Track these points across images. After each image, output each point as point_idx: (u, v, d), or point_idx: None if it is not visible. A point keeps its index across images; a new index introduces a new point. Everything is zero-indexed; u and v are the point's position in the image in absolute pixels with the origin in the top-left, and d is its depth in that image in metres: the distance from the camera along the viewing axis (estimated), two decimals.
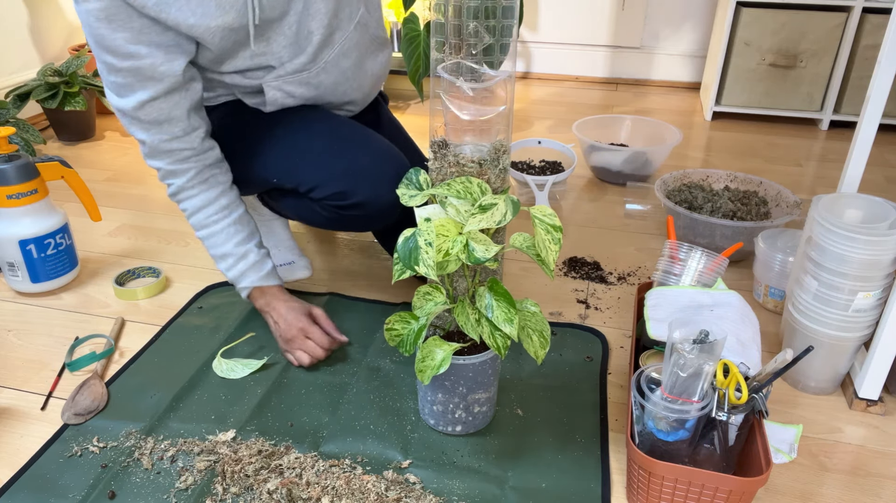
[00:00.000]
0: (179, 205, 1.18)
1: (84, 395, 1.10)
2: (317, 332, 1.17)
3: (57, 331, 1.29)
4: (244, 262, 1.19)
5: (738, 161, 2.14)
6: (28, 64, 2.33)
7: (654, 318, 1.04)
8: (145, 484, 0.94)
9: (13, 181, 1.29)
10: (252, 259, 1.20)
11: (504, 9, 0.97)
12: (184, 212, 1.18)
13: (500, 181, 1.08)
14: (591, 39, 2.90)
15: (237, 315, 1.32)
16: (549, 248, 0.89)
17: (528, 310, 0.94)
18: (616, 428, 1.06)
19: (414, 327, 0.93)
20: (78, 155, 2.15)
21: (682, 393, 0.85)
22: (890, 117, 2.29)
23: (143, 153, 1.13)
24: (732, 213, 1.54)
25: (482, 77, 0.98)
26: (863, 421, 1.08)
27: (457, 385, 0.97)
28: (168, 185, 1.16)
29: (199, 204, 1.16)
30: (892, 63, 0.99)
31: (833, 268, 1.02)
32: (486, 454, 1.00)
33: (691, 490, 0.85)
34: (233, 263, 1.19)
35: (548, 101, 2.72)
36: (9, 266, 1.36)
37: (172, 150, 1.11)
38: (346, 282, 1.45)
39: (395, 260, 0.89)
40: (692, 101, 2.72)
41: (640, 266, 1.53)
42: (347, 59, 1.20)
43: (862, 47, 2.25)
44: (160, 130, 1.08)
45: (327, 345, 1.17)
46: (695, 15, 2.75)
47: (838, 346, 1.07)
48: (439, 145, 1.05)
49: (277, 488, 0.92)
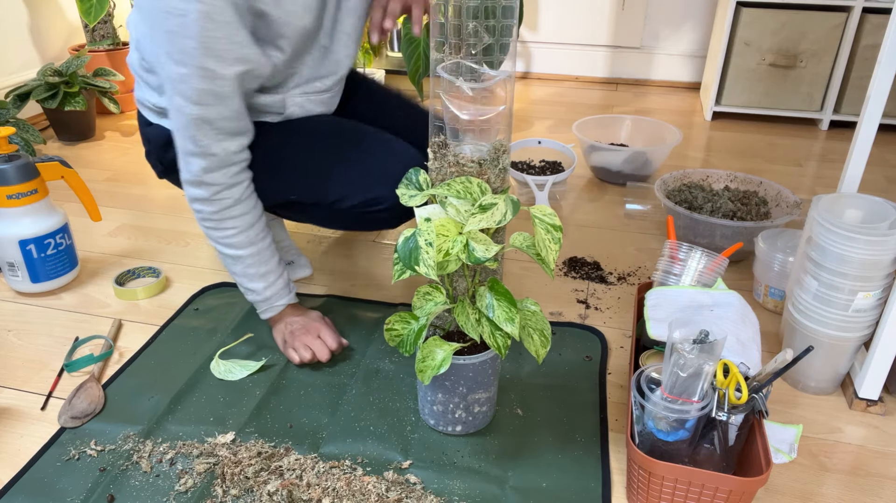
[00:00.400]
0: (227, 222, 1.09)
1: (81, 399, 1.10)
2: (328, 334, 1.17)
3: (57, 332, 1.29)
4: (282, 280, 1.18)
5: (738, 161, 2.14)
6: (28, 64, 2.33)
7: (654, 318, 1.04)
8: (144, 487, 0.94)
9: (13, 181, 1.29)
10: (286, 276, 1.20)
11: (504, 9, 0.97)
12: (231, 230, 1.10)
13: (500, 181, 1.08)
14: (591, 39, 2.90)
15: (234, 316, 1.32)
16: (549, 247, 0.89)
17: (529, 310, 0.94)
18: (616, 428, 1.05)
19: (414, 327, 0.93)
20: (78, 155, 2.15)
21: (682, 393, 0.85)
22: (890, 117, 2.28)
23: (202, 169, 1.03)
24: (732, 213, 1.54)
25: (482, 77, 0.98)
26: (863, 421, 1.08)
27: (457, 385, 0.97)
28: (219, 201, 1.07)
29: (251, 220, 1.11)
30: (892, 63, 0.99)
31: (833, 268, 1.02)
32: (486, 454, 1.00)
33: (691, 490, 0.85)
34: (273, 280, 1.16)
35: (548, 101, 2.72)
36: (9, 266, 1.36)
37: (241, 160, 1.07)
38: (346, 282, 1.45)
39: (395, 260, 0.89)
40: (692, 101, 2.72)
41: (640, 266, 1.52)
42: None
43: (862, 47, 2.25)
44: (233, 139, 1.04)
45: (335, 346, 1.17)
46: (695, 15, 2.75)
47: (838, 346, 1.07)
48: (439, 145, 1.05)
49: (278, 490, 0.92)
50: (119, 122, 2.46)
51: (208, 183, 1.05)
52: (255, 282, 1.15)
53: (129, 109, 2.55)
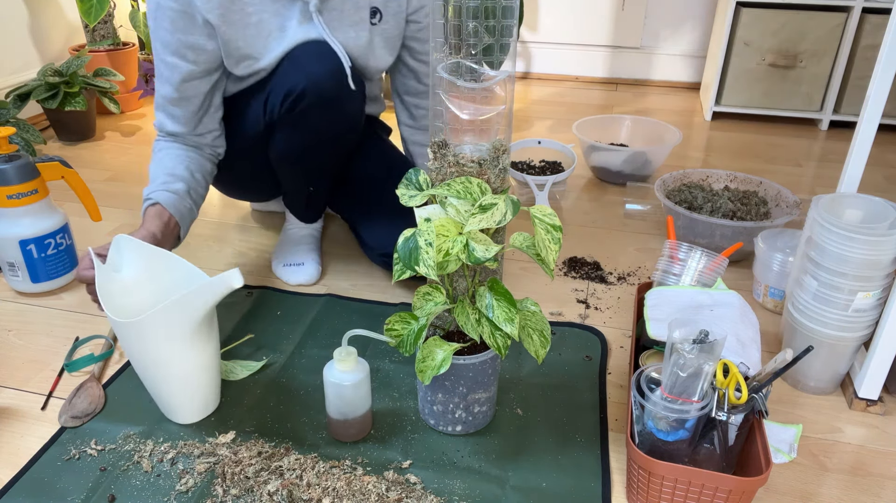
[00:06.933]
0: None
1: (81, 398, 1.10)
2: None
3: (57, 331, 1.29)
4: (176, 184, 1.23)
5: (738, 161, 2.14)
6: (28, 64, 2.33)
7: (654, 318, 1.04)
8: (145, 486, 0.94)
9: (13, 181, 1.29)
10: (177, 187, 1.22)
11: (504, 9, 0.97)
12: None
13: (499, 181, 1.08)
14: (591, 39, 2.90)
15: (235, 316, 1.32)
16: (549, 247, 0.89)
17: (529, 310, 0.94)
18: (616, 428, 1.06)
19: (414, 327, 0.93)
20: (78, 155, 2.15)
21: (681, 393, 0.85)
22: (890, 117, 2.29)
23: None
24: (732, 213, 1.54)
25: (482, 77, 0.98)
26: (863, 421, 1.08)
27: (457, 385, 0.97)
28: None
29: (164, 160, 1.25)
30: (892, 63, 0.99)
31: (833, 268, 1.02)
32: (486, 454, 1.00)
33: (691, 490, 0.85)
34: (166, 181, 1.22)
35: (548, 101, 2.72)
36: (9, 266, 1.36)
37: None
38: (346, 282, 1.45)
39: (395, 260, 0.89)
40: (692, 101, 2.72)
41: (640, 266, 1.53)
42: None
43: (862, 47, 2.25)
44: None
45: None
46: (695, 15, 2.75)
47: (838, 346, 1.07)
48: (439, 145, 1.05)
49: (278, 489, 0.92)
50: (119, 122, 2.46)
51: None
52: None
53: (130, 109, 2.55)
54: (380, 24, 1.28)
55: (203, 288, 0.91)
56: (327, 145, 1.30)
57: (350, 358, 0.97)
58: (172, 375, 0.99)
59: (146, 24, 2.47)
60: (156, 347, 0.95)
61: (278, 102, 1.21)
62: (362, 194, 1.47)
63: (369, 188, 1.46)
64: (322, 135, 1.27)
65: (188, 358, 0.98)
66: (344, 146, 1.35)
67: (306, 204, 1.46)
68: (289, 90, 1.19)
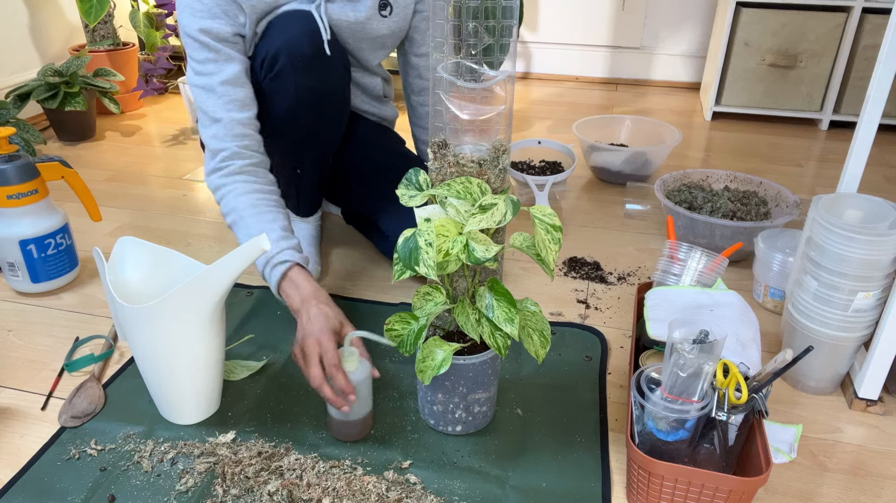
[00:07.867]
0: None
1: (81, 398, 1.10)
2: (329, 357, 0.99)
3: (57, 332, 1.29)
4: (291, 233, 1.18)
5: (738, 161, 2.14)
6: (28, 64, 2.33)
7: (654, 318, 1.04)
8: (145, 486, 0.94)
9: (13, 181, 1.29)
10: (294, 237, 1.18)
11: (504, 9, 0.97)
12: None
13: (499, 181, 1.08)
14: (591, 39, 2.90)
15: (235, 316, 1.32)
16: (549, 247, 0.89)
17: (529, 310, 0.94)
18: (616, 428, 1.06)
19: (414, 327, 0.93)
20: (78, 155, 2.16)
21: (681, 393, 0.85)
22: (890, 117, 2.29)
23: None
24: (732, 213, 1.54)
25: (482, 77, 0.98)
26: (863, 421, 1.08)
27: (457, 385, 0.97)
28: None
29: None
30: (892, 63, 0.99)
31: (833, 268, 1.02)
32: (486, 454, 1.00)
33: (691, 490, 0.85)
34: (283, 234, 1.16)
35: (548, 101, 2.72)
36: (9, 266, 1.36)
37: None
38: (346, 282, 1.45)
39: (395, 260, 0.89)
40: (692, 102, 2.72)
41: (640, 266, 1.53)
42: None
43: (862, 47, 2.25)
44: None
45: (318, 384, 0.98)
46: (695, 15, 2.75)
47: (838, 346, 1.07)
48: (439, 145, 1.05)
49: (278, 489, 0.92)
50: (119, 122, 2.46)
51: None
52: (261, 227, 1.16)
53: (129, 109, 2.55)
54: (390, 16, 1.30)
55: (236, 254, 0.93)
56: (308, 116, 1.28)
57: (352, 358, 0.97)
58: (181, 366, 0.99)
59: (146, 24, 2.47)
60: (172, 331, 0.96)
61: (258, 67, 1.24)
62: (380, 185, 1.41)
63: (387, 178, 1.38)
64: (301, 101, 1.26)
65: (199, 349, 0.99)
66: (328, 122, 1.33)
67: (297, 192, 1.44)
68: (265, 52, 1.22)
